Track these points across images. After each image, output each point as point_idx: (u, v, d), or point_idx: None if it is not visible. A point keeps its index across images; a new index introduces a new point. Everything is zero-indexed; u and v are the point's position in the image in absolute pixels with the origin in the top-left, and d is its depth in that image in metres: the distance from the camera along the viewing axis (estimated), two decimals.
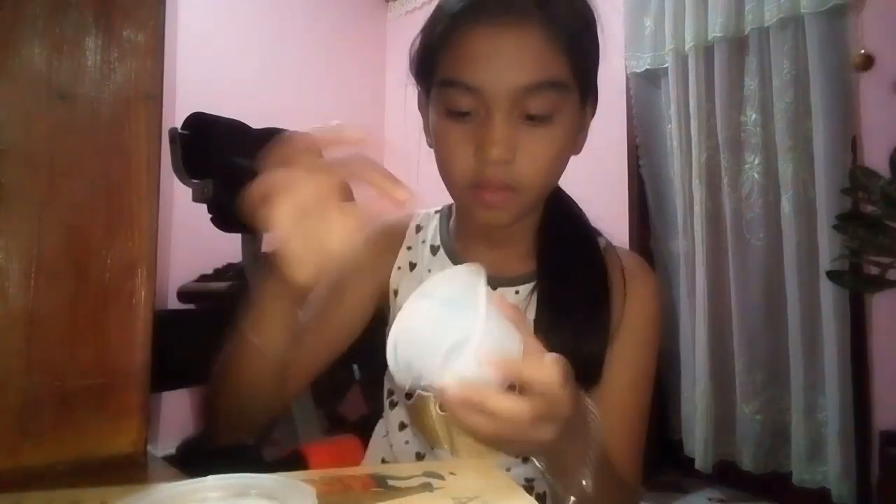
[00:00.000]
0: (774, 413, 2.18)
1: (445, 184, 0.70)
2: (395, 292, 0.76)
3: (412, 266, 0.77)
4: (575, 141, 0.70)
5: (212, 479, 0.40)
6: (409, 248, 0.79)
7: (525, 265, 0.74)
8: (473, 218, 0.68)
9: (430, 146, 0.70)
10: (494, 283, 0.72)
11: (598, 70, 0.71)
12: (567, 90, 0.64)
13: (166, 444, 2.52)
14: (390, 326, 0.76)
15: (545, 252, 0.73)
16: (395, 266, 0.78)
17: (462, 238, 0.77)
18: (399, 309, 0.74)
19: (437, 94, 0.67)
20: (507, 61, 0.62)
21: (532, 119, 0.63)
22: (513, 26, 0.62)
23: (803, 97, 2.05)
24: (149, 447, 0.61)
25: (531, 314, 0.70)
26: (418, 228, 0.81)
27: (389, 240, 0.80)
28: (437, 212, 0.83)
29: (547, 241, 0.74)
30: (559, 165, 0.68)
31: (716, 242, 2.30)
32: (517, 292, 0.73)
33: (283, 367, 0.64)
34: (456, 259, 0.75)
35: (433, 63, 0.68)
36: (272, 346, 0.61)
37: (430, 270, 0.76)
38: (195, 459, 2.23)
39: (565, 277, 0.71)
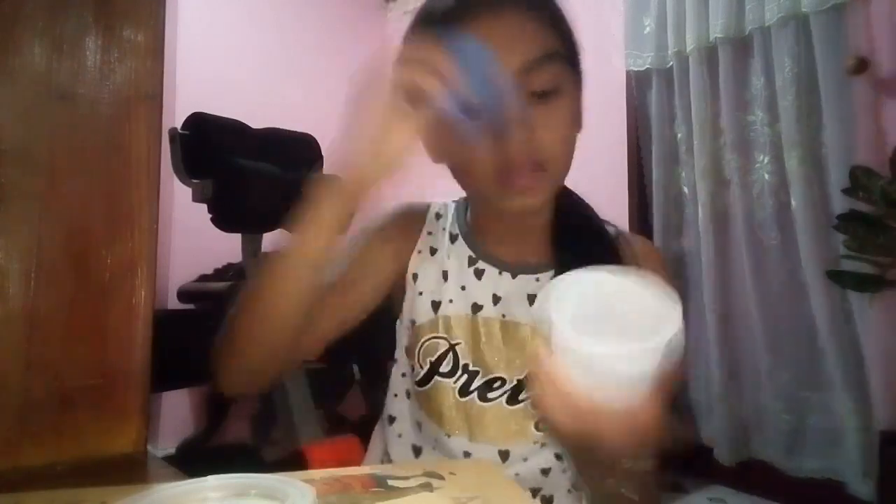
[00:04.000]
0: (795, 412, 2.18)
1: (466, 183, 0.71)
2: (415, 276, 0.77)
3: (433, 251, 0.78)
4: (580, 115, 0.72)
5: (212, 479, 0.40)
6: (429, 233, 0.79)
7: (542, 255, 0.75)
8: (504, 208, 0.69)
9: (437, 161, 0.70)
10: (514, 270, 0.75)
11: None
12: (564, 61, 0.68)
13: (166, 444, 2.52)
14: (401, 312, 0.77)
15: (561, 241, 0.75)
16: (416, 250, 0.78)
17: (480, 230, 0.78)
18: (418, 293, 0.76)
19: None
20: (506, 44, 0.64)
21: (539, 96, 0.65)
22: (502, 10, 0.66)
23: (806, 96, 2.05)
24: (149, 447, 0.61)
25: None
26: (437, 216, 0.81)
27: (410, 222, 0.80)
28: (454, 202, 0.84)
29: (562, 230, 0.76)
30: (573, 139, 0.70)
31: (723, 243, 2.30)
32: (537, 279, 0.74)
33: (310, 301, 0.62)
34: (474, 248, 0.77)
35: None
36: (315, 253, 0.60)
37: (449, 257, 0.76)
38: (195, 459, 2.23)
39: (583, 264, 0.72)
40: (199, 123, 1.92)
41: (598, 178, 2.55)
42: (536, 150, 0.65)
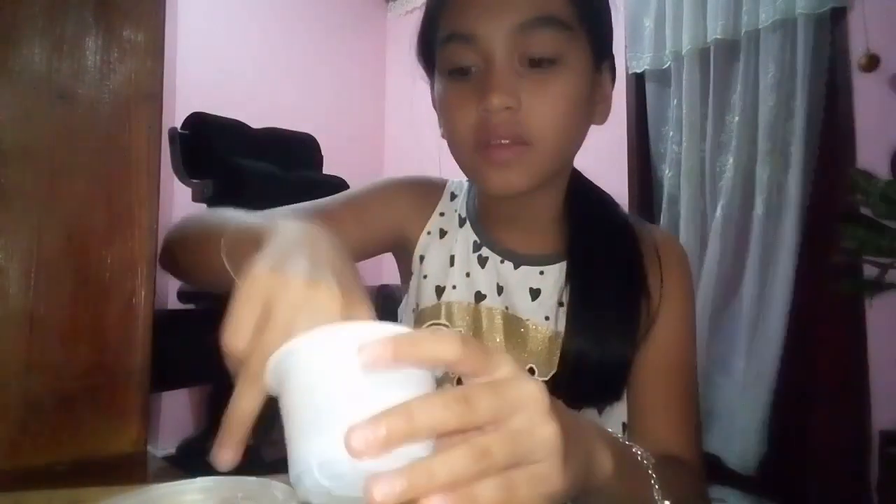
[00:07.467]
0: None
1: (454, 154, 0.64)
2: (422, 258, 0.72)
3: (442, 233, 0.73)
4: (590, 101, 0.64)
5: (200, 481, 0.40)
6: (441, 213, 0.74)
7: (549, 245, 0.69)
8: (486, 187, 0.62)
9: (442, 135, 0.66)
10: (518, 260, 0.69)
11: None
12: (571, 32, 0.60)
13: (166, 444, 2.52)
14: (408, 297, 0.74)
15: (575, 231, 0.69)
16: (425, 231, 0.73)
17: (486, 213, 0.73)
18: (423, 276, 0.72)
19: (438, 60, 0.64)
20: (498, 2, 0.59)
21: (536, 64, 0.59)
22: None
23: (806, 99, 2.05)
24: (149, 447, 0.61)
25: (563, 297, 0.66)
26: (452, 196, 0.76)
27: (424, 200, 0.75)
28: (468, 181, 0.78)
29: (575, 220, 0.69)
30: (573, 118, 0.62)
31: (738, 243, 2.30)
32: (542, 273, 0.68)
33: None
34: (480, 233, 0.72)
35: (435, 31, 0.65)
36: None
37: (457, 241, 0.72)
38: (195, 459, 2.23)
39: (599, 259, 0.68)
40: (199, 123, 1.92)
41: (598, 178, 2.56)
42: (520, 122, 0.58)
